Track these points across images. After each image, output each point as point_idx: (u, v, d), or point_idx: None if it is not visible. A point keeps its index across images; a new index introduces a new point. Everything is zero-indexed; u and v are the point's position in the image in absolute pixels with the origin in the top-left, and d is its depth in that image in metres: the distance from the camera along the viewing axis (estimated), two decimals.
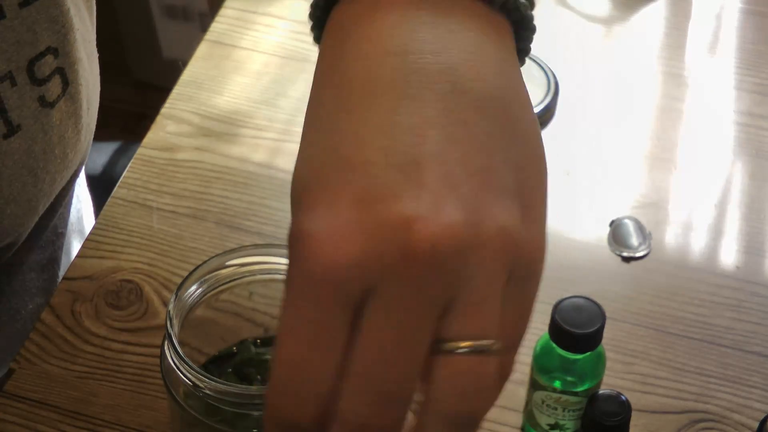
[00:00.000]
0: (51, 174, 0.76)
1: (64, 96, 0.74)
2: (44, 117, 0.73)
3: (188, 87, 0.95)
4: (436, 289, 0.38)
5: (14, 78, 0.70)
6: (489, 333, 0.40)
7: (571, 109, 0.94)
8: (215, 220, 0.84)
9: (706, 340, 0.77)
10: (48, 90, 0.73)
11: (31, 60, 0.70)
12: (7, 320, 0.83)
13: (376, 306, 0.38)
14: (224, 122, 0.92)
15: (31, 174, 0.74)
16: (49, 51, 0.71)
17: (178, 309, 0.61)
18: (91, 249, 0.82)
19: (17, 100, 0.70)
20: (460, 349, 0.39)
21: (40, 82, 0.72)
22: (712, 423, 0.73)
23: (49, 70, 0.72)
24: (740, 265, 0.83)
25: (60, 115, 0.74)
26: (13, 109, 0.70)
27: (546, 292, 0.79)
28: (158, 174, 0.87)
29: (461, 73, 0.42)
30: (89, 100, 0.78)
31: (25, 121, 0.72)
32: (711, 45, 1.02)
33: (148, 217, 0.84)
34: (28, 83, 0.71)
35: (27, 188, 0.75)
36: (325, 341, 0.39)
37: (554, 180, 0.88)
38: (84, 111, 0.77)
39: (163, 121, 0.92)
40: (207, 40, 0.99)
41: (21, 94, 0.71)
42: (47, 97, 0.73)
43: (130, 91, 1.94)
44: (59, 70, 0.73)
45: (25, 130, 0.72)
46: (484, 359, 0.39)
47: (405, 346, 0.39)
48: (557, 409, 0.67)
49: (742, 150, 0.92)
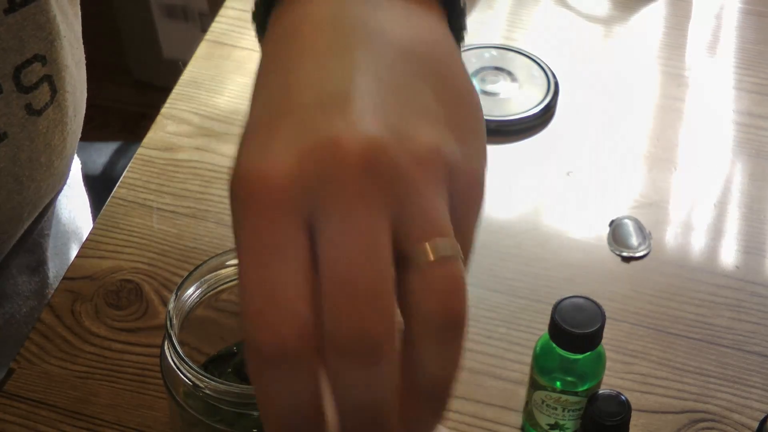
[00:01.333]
0: (36, 182, 0.75)
1: (52, 104, 0.74)
2: (31, 125, 0.72)
3: (188, 87, 0.95)
4: (378, 198, 0.39)
5: (0, 86, 0.69)
6: (446, 232, 0.40)
7: (571, 109, 0.94)
8: (215, 220, 0.84)
9: (706, 340, 0.78)
10: (35, 98, 0.72)
11: (17, 67, 0.70)
12: (2, 325, 0.83)
13: (328, 218, 0.39)
14: (224, 122, 0.92)
15: (17, 182, 0.73)
16: (36, 59, 0.71)
17: (177, 309, 0.61)
18: (91, 249, 0.82)
19: (4, 107, 0.70)
20: (427, 255, 0.39)
21: (27, 90, 0.71)
22: (712, 423, 0.73)
23: (37, 77, 0.72)
24: (740, 265, 0.83)
25: (47, 123, 0.74)
26: (0, 117, 0.70)
27: (546, 292, 0.80)
28: (158, 174, 0.88)
29: (390, 32, 0.44)
30: (76, 107, 0.78)
31: (11, 129, 0.71)
32: (711, 45, 1.02)
33: (148, 217, 0.84)
34: (15, 91, 0.70)
35: (12, 196, 0.74)
36: (288, 257, 0.38)
37: (554, 180, 0.89)
38: (70, 118, 0.77)
39: (163, 121, 0.92)
40: (207, 40, 0.99)
41: (7, 102, 0.70)
42: (34, 104, 0.72)
43: (130, 91, 1.94)
44: (47, 78, 0.72)
45: (11, 137, 0.71)
46: (452, 260, 0.40)
47: (369, 247, 0.38)
48: (557, 409, 0.67)
49: (742, 150, 0.92)
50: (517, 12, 1.04)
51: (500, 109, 0.92)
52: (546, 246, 0.83)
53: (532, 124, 0.92)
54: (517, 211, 0.86)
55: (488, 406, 0.73)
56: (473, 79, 0.94)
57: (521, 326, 0.78)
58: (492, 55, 0.97)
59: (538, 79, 0.95)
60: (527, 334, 0.77)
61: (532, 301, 0.79)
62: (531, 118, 0.92)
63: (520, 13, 1.04)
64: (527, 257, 0.82)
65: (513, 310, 0.79)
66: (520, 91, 0.94)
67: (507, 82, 0.95)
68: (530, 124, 0.92)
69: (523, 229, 0.85)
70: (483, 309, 0.79)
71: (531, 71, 0.96)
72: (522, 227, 0.85)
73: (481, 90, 0.94)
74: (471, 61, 0.96)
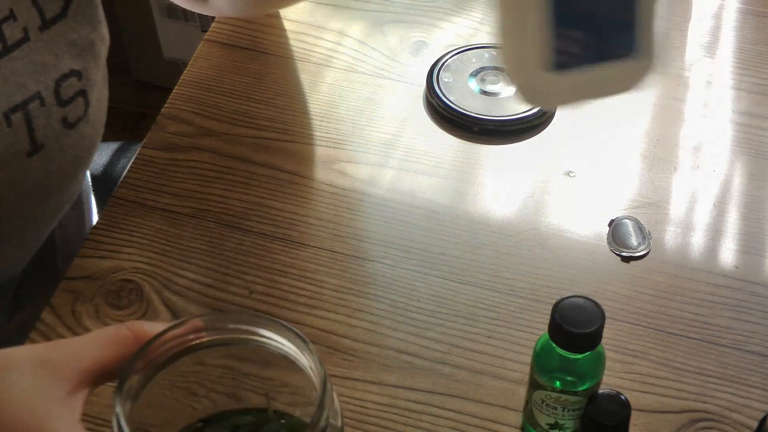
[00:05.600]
0: (60, 192, 0.77)
1: (84, 117, 0.76)
2: (64, 137, 0.75)
3: (188, 87, 0.95)
4: None
5: (43, 98, 0.71)
6: None
7: (571, 109, 0.94)
8: (215, 220, 0.84)
9: (706, 340, 0.78)
10: (71, 111, 0.75)
11: (57, 81, 0.72)
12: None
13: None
14: (224, 122, 0.92)
15: (44, 192, 0.76)
16: (73, 73, 0.74)
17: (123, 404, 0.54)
18: (91, 249, 0.82)
19: (44, 119, 0.72)
20: None
21: (65, 103, 0.74)
22: (712, 422, 0.73)
23: (73, 92, 0.74)
24: (739, 264, 0.83)
25: (77, 136, 0.76)
26: (39, 129, 0.72)
27: (546, 291, 0.80)
28: (158, 174, 0.88)
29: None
30: (100, 122, 0.81)
31: (48, 141, 0.73)
32: (710, 45, 1.02)
33: (148, 217, 0.84)
34: (55, 104, 0.73)
35: (37, 206, 0.76)
36: None
37: (554, 180, 0.89)
38: (96, 132, 0.80)
39: (163, 121, 0.92)
40: (207, 40, 0.99)
41: (48, 114, 0.72)
42: (70, 118, 0.75)
43: (130, 91, 1.94)
44: (82, 93, 0.75)
45: (47, 149, 0.74)
46: None
47: None
48: (557, 409, 0.68)
49: (742, 150, 0.92)
50: None
51: (500, 109, 0.92)
52: (546, 246, 0.83)
53: (532, 124, 0.92)
54: (517, 211, 0.86)
55: (488, 406, 0.73)
56: (473, 79, 0.95)
57: (521, 326, 0.78)
58: (492, 55, 0.97)
59: None
60: (527, 334, 0.77)
61: (532, 301, 0.79)
62: (531, 118, 0.92)
63: None
64: (527, 257, 0.82)
65: (513, 310, 0.79)
66: None
67: (507, 82, 0.95)
68: (530, 124, 0.92)
69: (523, 229, 0.85)
70: (483, 309, 0.79)
71: None
72: (522, 227, 0.85)
73: (481, 90, 0.94)
74: (471, 61, 0.96)
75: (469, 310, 0.79)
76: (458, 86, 0.94)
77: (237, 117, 0.92)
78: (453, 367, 0.75)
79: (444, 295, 0.80)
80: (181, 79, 0.95)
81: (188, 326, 0.55)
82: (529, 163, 0.90)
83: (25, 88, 0.70)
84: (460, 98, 0.93)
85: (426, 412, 0.73)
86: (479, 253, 0.83)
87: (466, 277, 0.81)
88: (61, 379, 0.52)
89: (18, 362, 0.52)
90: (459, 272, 0.81)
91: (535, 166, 0.89)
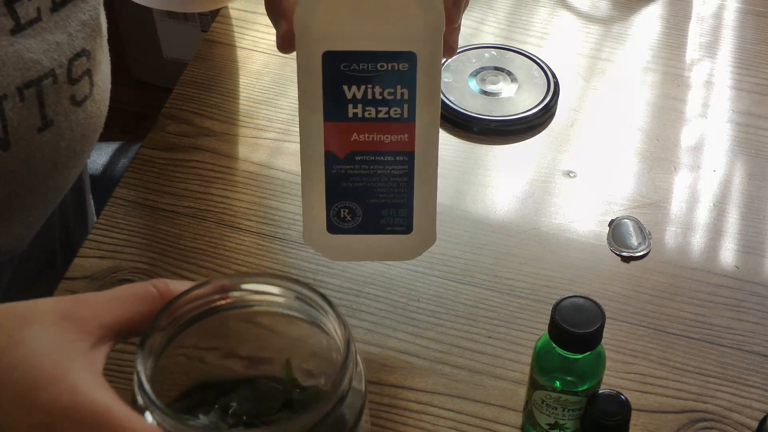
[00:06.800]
0: (68, 169, 0.79)
1: (90, 96, 0.78)
2: (73, 115, 0.76)
3: (188, 87, 0.95)
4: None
5: (56, 76, 0.73)
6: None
7: (571, 109, 0.94)
8: (215, 220, 0.84)
9: (706, 340, 0.78)
10: (79, 90, 0.76)
11: (70, 60, 0.74)
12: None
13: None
14: (224, 122, 0.92)
15: (54, 168, 0.77)
16: (83, 53, 0.75)
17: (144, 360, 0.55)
18: (91, 249, 0.82)
19: (54, 96, 0.74)
20: None
21: (74, 81, 0.75)
22: (712, 422, 0.73)
23: (82, 70, 0.76)
24: (739, 264, 0.83)
25: (84, 115, 0.78)
26: (49, 105, 0.74)
27: (546, 292, 0.80)
28: (158, 174, 0.88)
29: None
30: (105, 102, 0.82)
31: (57, 118, 0.75)
32: (710, 45, 1.02)
33: (148, 217, 0.84)
34: (66, 82, 0.74)
35: (46, 182, 0.77)
36: None
37: (554, 180, 0.89)
38: (101, 112, 0.81)
39: (163, 121, 0.92)
40: (207, 40, 0.99)
41: (58, 92, 0.74)
42: (77, 96, 0.76)
43: (130, 91, 1.94)
44: (88, 72, 0.77)
45: (56, 125, 0.75)
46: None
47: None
48: (557, 409, 0.68)
49: (742, 150, 0.92)
50: (516, 12, 1.04)
51: (500, 109, 0.92)
52: (546, 246, 0.83)
53: (532, 124, 0.92)
54: (517, 211, 0.86)
55: (488, 406, 0.73)
56: (473, 79, 0.95)
57: (521, 326, 0.78)
58: (492, 55, 0.97)
59: (538, 79, 0.95)
60: (527, 334, 0.77)
61: (531, 301, 0.79)
62: (531, 118, 0.92)
63: (520, 13, 1.04)
64: (527, 257, 0.82)
65: (513, 310, 0.79)
66: (520, 91, 0.94)
67: (507, 82, 0.95)
68: (530, 124, 0.92)
69: (523, 229, 0.85)
70: (483, 309, 0.79)
71: (531, 71, 0.96)
72: (522, 227, 0.85)
73: (481, 90, 0.94)
74: (471, 61, 0.96)
75: (469, 310, 0.79)
76: (458, 86, 0.94)
77: (237, 117, 0.92)
78: (453, 367, 0.75)
79: (444, 295, 0.80)
80: (181, 79, 0.95)
81: (213, 286, 0.55)
82: (529, 163, 0.90)
83: (40, 64, 0.72)
84: (460, 98, 0.93)
85: (426, 412, 0.73)
86: (479, 253, 0.83)
87: (466, 277, 0.81)
88: (84, 333, 0.52)
89: (42, 314, 0.52)
90: (459, 272, 0.81)
91: (535, 166, 0.89)
